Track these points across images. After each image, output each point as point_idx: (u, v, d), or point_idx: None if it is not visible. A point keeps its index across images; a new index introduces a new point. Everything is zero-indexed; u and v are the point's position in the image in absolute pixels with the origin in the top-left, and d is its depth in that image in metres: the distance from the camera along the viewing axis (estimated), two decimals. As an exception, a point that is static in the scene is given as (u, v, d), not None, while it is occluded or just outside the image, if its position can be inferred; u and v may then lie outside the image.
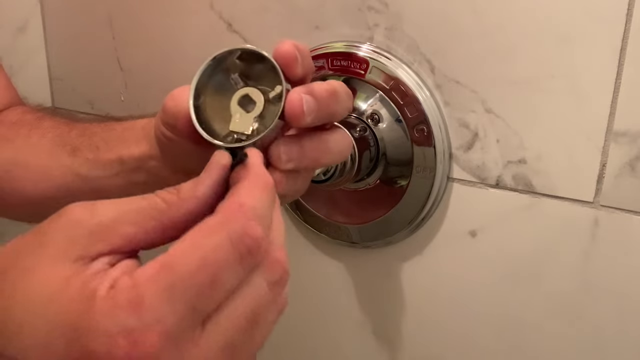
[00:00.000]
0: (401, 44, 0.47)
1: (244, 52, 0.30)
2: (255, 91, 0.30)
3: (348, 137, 0.34)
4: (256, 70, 0.30)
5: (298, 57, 0.29)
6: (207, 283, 0.23)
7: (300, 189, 0.34)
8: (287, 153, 0.30)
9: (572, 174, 0.43)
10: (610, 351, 0.45)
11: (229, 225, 0.24)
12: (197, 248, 0.23)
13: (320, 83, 0.31)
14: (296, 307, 0.60)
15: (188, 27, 0.59)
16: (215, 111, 0.30)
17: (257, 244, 0.24)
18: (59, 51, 0.71)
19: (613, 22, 0.39)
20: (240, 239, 0.24)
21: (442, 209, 0.49)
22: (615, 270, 0.43)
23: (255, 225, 0.24)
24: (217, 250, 0.23)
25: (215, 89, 0.30)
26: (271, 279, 0.27)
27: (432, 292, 0.51)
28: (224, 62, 0.30)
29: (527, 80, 0.43)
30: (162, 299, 0.22)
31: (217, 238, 0.24)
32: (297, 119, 0.29)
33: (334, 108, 0.31)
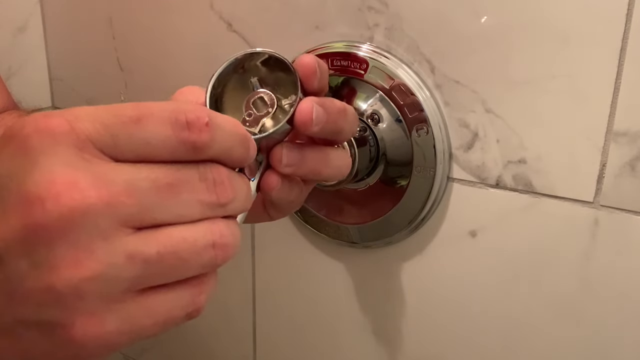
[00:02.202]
0: (401, 44, 0.47)
1: (270, 57, 0.31)
2: (270, 96, 0.31)
3: (348, 157, 0.36)
4: (274, 78, 0.32)
5: (318, 71, 0.31)
6: (132, 117, 0.23)
7: (292, 203, 0.35)
8: (288, 156, 0.31)
9: (572, 174, 0.43)
10: (611, 351, 0.45)
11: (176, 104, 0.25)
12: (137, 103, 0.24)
13: (334, 99, 0.32)
14: (296, 306, 0.60)
15: (188, 27, 0.59)
16: (229, 106, 0.31)
17: (198, 122, 0.24)
18: (59, 51, 0.71)
19: (613, 22, 0.39)
20: (182, 110, 0.24)
21: (442, 209, 0.49)
22: (616, 270, 0.43)
23: (205, 113, 0.24)
24: (154, 106, 0.24)
25: (233, 87, 0.32)
26: (206, 183, 0.25)
27: (432, 292, 0.51)
28: (247, 62, 0.32)
29: (527, 80, 0.43)
30: (84, 111, 0.24)
31: (161, 103, 0.24)
32: (305, 126, 0.30)
33: (342, 125, 0.32)
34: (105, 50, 0.65)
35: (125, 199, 0.23)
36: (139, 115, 0.24)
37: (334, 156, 0.34)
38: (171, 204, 0.24)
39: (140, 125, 0.23)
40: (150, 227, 0.24)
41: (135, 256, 0.23)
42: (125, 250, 0.23)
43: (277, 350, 0.63)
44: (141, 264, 0.23)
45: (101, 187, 0.23)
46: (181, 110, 0.24)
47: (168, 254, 0.24)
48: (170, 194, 0.24)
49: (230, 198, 0.26)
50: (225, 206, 0.26)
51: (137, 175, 0.23)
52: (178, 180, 0.24)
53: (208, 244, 0.25)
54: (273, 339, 0.63)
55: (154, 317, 0.25)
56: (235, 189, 0.26)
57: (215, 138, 0.25)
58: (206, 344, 0.69)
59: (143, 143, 0.23)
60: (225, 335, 0.67)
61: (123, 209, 0.23)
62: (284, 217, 0.58)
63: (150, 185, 0.23)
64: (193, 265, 0.25)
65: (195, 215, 0.25)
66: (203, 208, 0.25)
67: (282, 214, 0.37)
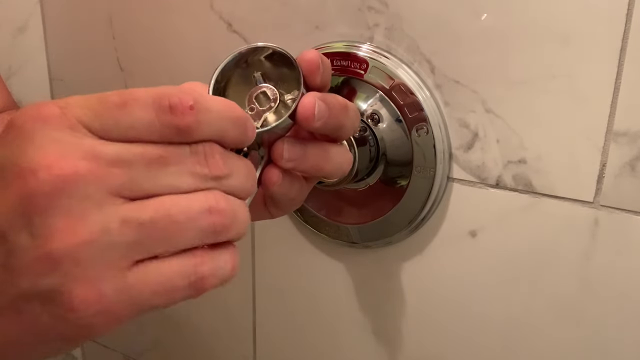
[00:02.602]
0: (401, 44, 0.47)
1: (274, 52, 0.31)
2: (273, 90, 0.31)
3: (349, 153, 0.36)
4: (278, 73, 0.32)
5: (321, 67, 0.31)
6: (117, 103, 0.24)
7: (293, 200, 0.35)
8: (289, 151, 0.31)
9: (572, 174, 0.43)
10: (611, 351, 0.45)
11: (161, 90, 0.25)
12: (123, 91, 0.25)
13: (336, 95, 0.32)
14: (296, 306, 0.60)
15: (188, 27, 0.59)
16: (232, 100, 0.31)
17: (181, 105, 0.25)
18: (59, 51, 0.71)
19: (613, 22, 0.39)
20: (165, 93, 0.25)
21: (442, 209, 0.49)
22: (616, 270, 0.43)
23: (190, 96, 0.25)
24: (139, 92, 0.25)
25: (236, 81, 0.32)
26: (197, 157, 0.26)
27: (432, 292, 0.51)
28: (250, 56, 0.32)
29: (527, 80, 0.43)
30: (73, 99, 0.25)
31: (147, 89, 0.25)
32: (307, 121, 0.30)
33: (343, 121, 0.33)
34: (105, 50, 0.65)
35: (115, 169, 0.24)
36: (123, 100, 0.24)
37: (336, 152, 0.34)
38: (161, 175, 0.25)
39: (125, 110, 0.24)
40: (145, 198, 0.24)
41: (129, 221, 0.24)
42: (119, 216, 0.24)
43: (277, 350, 0.63)
44: (136, 228, 0.24)
45: (91, 158, 0.23)
46: (164, 94, 0.25)
47: (162, 217, 0.24)
48: (160, 165, 0.25)
49: (224, 172, 0.26)
50: (220, 180, 0.26)
51: (126, 149, 0.24)
52: (167, 152, 0.25)
53: (203, 209, 0.25)
54: (273, 338, 0.63)
55: (153, 285, 0.25)
56: (230, 165, 0.26)
57: (201, 120, 0.25)
58: (206, 344, 0.69)
59: (128, 127, 0.24)
60: (225, 335, 0.67)
61: (113, 179, 0.24)
62: (284, 217, 0.58)
63: (139, 157, 0.24)
64: (190, 229, 0.25)
65: (189, 185, 0.25)
66: (195, 179, 0.25)
67: (282, 212, 0.37)
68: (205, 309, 0.67)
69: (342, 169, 0.35)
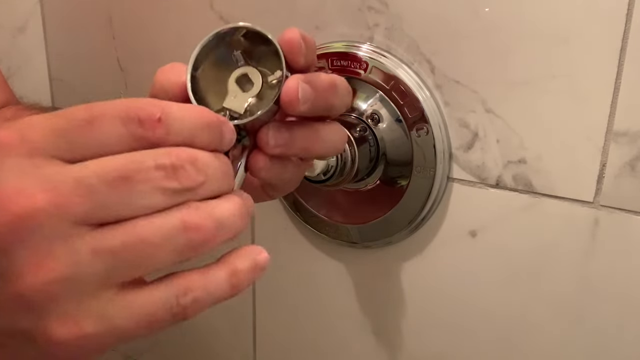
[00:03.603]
0: (401, 44, 0.47)
1: (250, 32, 0.30)
2: (255, 72, 0.30)
3: (342, 130, 0.34)
4: (259, 52, 0.30)
5: (302, 46, 0.29)
6: (85, 119, 0.23)
7: (290, 181, 0.34)
8: (275, 137, 0.30)
9: (572, 174, 0.43)
10: (611, 351, 0.45)
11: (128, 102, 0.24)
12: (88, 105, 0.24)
13: (321, 74, 0.30)
14: (296, 306, 0.60)
15: (188, 27, 0.59)
16: (211, 84, 0.30)
17: (150, 119, 0.24)
18: (59, 51, 0.71)
19: (613, 22, 0.39)
20: (133, 107, 0.24)
21: (442, 209, 0.49)
22: (616, 270, 0.43)
23: (157, 107, 0.24)
24: (106, 106, 0.24)
25: (215, 62, 0.30)
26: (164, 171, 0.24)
27: (432, 292, 0.51)
28: (228, 37, 0.30)
29: (527, 80, 0.43)
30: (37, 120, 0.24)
31: (113, 102, 0.24)
32: (292, 106, 0.28)
33: (332, 101, 0.31)
34: (105, 50, 0.65)
35: (76, 197, 0.22)
36: (90, 116, 0.23)
37: (326, 132, 0.32)
38: (127, 196, 0.23)
39: (92, 126, 0.23)
40: (114, 223, 0.23)
41: (99, 250, 0.23)
42: (88, 246, 0.23)
43: (277, 350, 0.63)
44: (107, 256, 0.23)
45: (49, 189, 0.22)
46: (133, 107, 0.24)
47: (134, 242, 0.23)
48: (124, 186, 0.23)
49: (198, 181, 0.24)
50: (195, 190, 0.24)
51: (84, 173, 0.23)
52: (130, 171, 0.23)
53: (177, 227, 0.23)
54: (273, 338, 0.63)
55: (135, 317, 0.24)
56: (204, 170, 0.25)
57: (170, 131, 0.24)
58: (206, 344, 0.69)
59: (98, 144, 0.23)
60: (225, 334, 0.67)
61: (75, 208, 0.22)
62: (284, 217, 0.58)
63: (100, 180, 0.23)
64: (166, 251, 0.23)
65: (160, 204, 0.24)
66: (167, 196, 0.24)
67: (281, 193, 0.36)
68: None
69: (335, 148, 0.33)
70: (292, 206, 0.56)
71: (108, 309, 0.23)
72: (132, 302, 0.24)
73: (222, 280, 0.25)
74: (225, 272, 0.26)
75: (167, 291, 0.24)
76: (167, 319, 0.24)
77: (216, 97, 0.30)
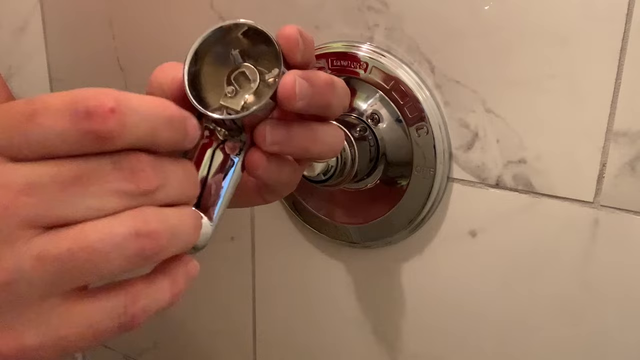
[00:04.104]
0: (401, 44, 0.47)
1: (249, 29, 0.30)
2: (253, 70, 0.30)
3: (340, 132, 0.33)
4: (257, 50, 0.30)
5: (300, 42, 0.29)
6: (25, 114, 0.21)
7: (286, 184, 0.33)
8: (272, 134, 0.29)
9: (572, 174, 0.43)
10: (611, 351, 0.45)
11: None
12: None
13: (319, 72, 0.30)
14: (296, 306, 0.60)
15: (188, 27, 0.59)
16: (210, 82, 0.30)
17: (100, 109, 0.21)
18: (59, 51, 0.71)
19: (613, 22, 0.39)
20: (80, 97, 0.21)
21: (442, 209, 0.49)
22: (616, 270, 0.43)
23: (109, 97, 0.21)
24: (50, 97, 0.21)
25: (213, 60, 0.30)
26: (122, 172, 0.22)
27: (432, 292, 0.51)
28: (227, 35, 0.30)
29: (527, 80, 0.43)
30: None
31: (59, 94, 0.22)
32: (288, 101, 0.28)
33: (329, 99, 0.30)
34: (105, 50, 0.65)
35: (26, 198, 0.21)
36: (32, 110, 0.21)
37: (324, 132, 0.32)
38: (79, 198, 0.22)
39: (34, 121, 0.21)
40: (63, 226, 0.22)
41: (44, 257, 0.21)
42: (33, 252, 0.21)
43: (277, 350, 0.63)
44: (52, 264, 0.21)
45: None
46: (80, 98, 0.21)
47: (82, 249, 0.21)
48: (77, 187, 0.22)
49: (155, 184, 0.23)
50: (152, 194, 0.23)
51: (37, 172, 0.21)
52: (86, 171, 0.22)
53: (129, 233, 0.22)
54: (273, 338, 0.63)
55: (80, 327, 0.22)
56: (164, 175, 0.23)
57: (126, 123, 0.22)
58: (206, 344, 0.69)
59: (40, 140, 0.21)
60: (225, 335, 0.67)
61: (24, 210, 0.21)
62: (284, 217, 0.58)
63: (52, 180, 0.21)
64: (115, 259, 0.22)
65: (113, 206, 0.22)
66: (121, 199, 0.22)
67: (276, 196, 0.35)
68: (205, 309, 0.67)
69: (332, 149, 0.33)
70: (292, 206, 0.56)
71: (51, 320, 0.22)
72: (77, 312, 0.22)
73: (165, 289, 0.24)
74: (168, 281, 0.25)
75: (114, 300, 0.23)
76: (114, 329, 0.23)
77: (214, 94, 0.30)
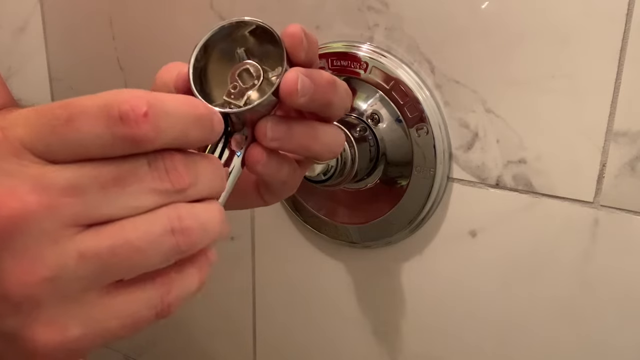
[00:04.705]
0: (401, 44, 0.47)
1: (255, 28, 0.30)
2: (257, 67, 0.30)
3: (341, 133, 0.34)
4: (262, 49, 0.30)
5: (304, 41, 0.29)
6: (62, 118, 0.22)
7: (285, 184, 0.34)
8: (273, 130, 0.30)
9: (572, 174, 0.43)
10: (611, 351, 0.45)
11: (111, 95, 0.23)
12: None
13: (322, 70, 0.31)
14: (296, 306, 0.60)
15: (188, 27, 0.59)
16: (214, 78, 0.30)
17: (134, 113, 0.22)
18: (59, 51, 0.71)
19: (613, 22, 0.39)
20: (115, 101, 0.22)
21: (442, 209, 0.49)
22: (616, 270, 0.43)
23: (142, 101, 0.22)
24: (86, 102, 0.22)
25: (219, 57, 0.30)
26: (158, 172, 0.24)
27: (432, 292, 0.51)
28: (233, 32, 0.30)
29: (527, 80, 0.43)
30: (20, 115, 0.23)
31: (94, 97, 0.22)
32: (290, 97, 0.28)
33: (330, 97, 0.31)
34: (105, 50, 0.65)
35: (68, 199, 0.22)
36: (69, 115, 0.22)
37: (325, 132, 0.32)
38: (119, 197, 0.23)
39: (70, 125, 0.22)
40: (102, 223, 0.23)
41: (86, 253, 0.22)
42: (76, 249, 0.22)
43: (277, 350, 0.63)
44: (94, 260, 0.22)
45: (40, 190, 0.22)
46: (114, 103, 0.22)
47: (121, 245, 0.23)
48: (116, 187, 0.23)
49: (188, 183, 0.24)
50: (185, 192, 0.24)
51: (77, 174, 0.22)
52: (123, 172, 0.23)
53: (165, 231, 0.23)
54: (273, 338, 0.63)
55: (120, 318, 0.24)
56: (195, 172, 0.25)
57: (160, 126, 0.22)
58: (206, 344, 0.69)
59: (77, 144, 0.22)
60: (225, 335, 0.67)
61: (66, 210, 0.22)
62: (284, 217, 0.58)
63: (93, 181, 0.22)
64: (153, 254, 0.23)
65: (149, 204, 0.23)
66: (157, 197, 0.23)
67: (276, 197, 0.36)
68: (205, 308, 0.67)
69: (332, 150, 0.33)
70: (292, 206, 0.56)
71: (93, 312, 0.23)
72: (117, 304, 0.24)
73: (194, 277, 0.25)
74: (196, 269, 0.26)
75: (150, 292, 0.24)
76: (151, 317, 0.24)
77: (218, 90, 0.30)
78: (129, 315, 0.24)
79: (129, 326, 0.24)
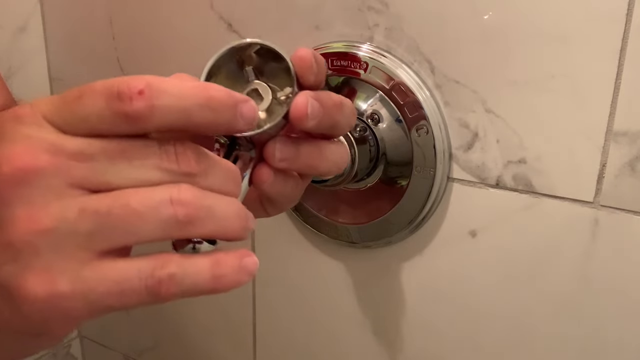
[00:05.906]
0: (401, 44, 0.47)
1: (263, 48, 0.31)
2: (265, 87, 0.31)
3: (345, 149, 0.35)
4: (270, 68, 0.31)
5: (314, 64, 0.30)
6: (75, 95, 0.25)
7: (288, 198, 0.34)
8: (281, 151, 0.31)
9: (572, 174, 0.43)
10: (611, 351, 0.45)
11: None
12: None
13: (330, 92, 0.32)
14: (296, 306, 0.60)
15: (188, 27, 0.59)
16: None
17: (129, 91, 0.24)
18: (59, 51, 0.71)
19: (613, 22, 0.39)
20: (116, 81, 0.24)
21: (442, 209, 0.49)
22: (616, 270, 0.43)
23: (141, 81, 0.24)
24: (98, 82, 0.25)
25: (226, 76, 0.31)
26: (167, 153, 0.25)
27: (432, 292, 0.51)
28: (241, 53, 0.31)
29: (527, 80, 0.43)
30: (46, 98, 0.25)
31: (106, 80, 0.25)
32: (301, 121, 0.29)
33: (338, 118, 0.32)
34: (105, 50, 0.65)
35: (76, 162, 0.24)
36: (80, 92, 0.25)
37: (330, 150, 0.33)
38: (124, 168, 0.24)
39: (79, 101, 0.24)
40: (107, 191, 0.24)
41: (87, 210, 0.24)
42: (78, 205, 0.24)
43: (277, 351, 0.63)
44: (93, 217, 0.24)
45: (53, 151, 0.24)
46: (117, 82, 0.24)
47: (120, 207, 0.24)
48: (123, 159, 0.24)
49: (196, 169, 0.25)
50: (192, 176, 0.25)
51: (87, 143, 0.24)
52: (132, 147, 0.25)
53: (164, 199, 0.24)
54: (273, 338, 0.63)
55: (107, 283, 0.24)
56: (206, 164, 0.26)
57: (155, 104, 0.24)
58: (206, 344, 0.69)
59: (83, 117, 0.24)
60: (225, 334, 0.67)
61: (74, 171, 0.24)
62: (284, 217, 0.58)
63: (101, 151, 0.24)
64: (150, 220, 0.24)
65: (155, 179, 0.25)
66: (162, 173, 0.25)
67: (278, 210, 0.36)
68: (205, 308, 0.67)
69: (337, 167, 0.34)
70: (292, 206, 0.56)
71: (83, 272, 0.24)
72: (106, 269, 0.24)
73: (203, 267, 0.25)
74: (209, 261, 0.26)
75: (143, 263, 0.25)
76: (140, 290, 0.24)
77: None
78: (117, 282, 0.24)
79: (115, 293, 0.24)
